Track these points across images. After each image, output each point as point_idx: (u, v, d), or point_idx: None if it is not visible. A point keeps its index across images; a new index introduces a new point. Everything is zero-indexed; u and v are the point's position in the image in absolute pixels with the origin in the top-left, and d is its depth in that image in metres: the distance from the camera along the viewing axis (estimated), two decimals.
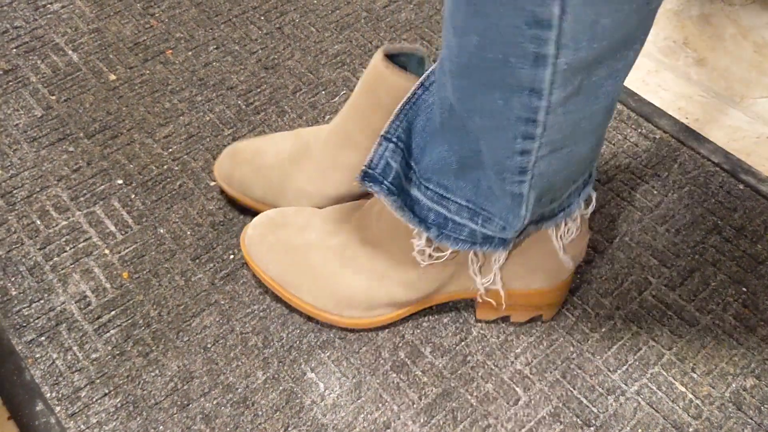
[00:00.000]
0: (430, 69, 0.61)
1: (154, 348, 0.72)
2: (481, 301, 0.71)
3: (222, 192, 0.84)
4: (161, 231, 0.81)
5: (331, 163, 0.75)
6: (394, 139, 0.61)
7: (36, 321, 0.74)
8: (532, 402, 0.69)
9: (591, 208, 0.68)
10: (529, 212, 0.60)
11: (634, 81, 0.98)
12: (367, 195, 0.77)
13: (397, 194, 0.62)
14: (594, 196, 0.67)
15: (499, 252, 0.65)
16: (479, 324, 0.74)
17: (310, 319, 0.74)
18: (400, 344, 0.73)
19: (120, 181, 0.85)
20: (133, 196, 0.84)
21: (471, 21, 0.45)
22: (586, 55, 0.44)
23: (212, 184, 0.85)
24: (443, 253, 0.66)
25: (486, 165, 0.56)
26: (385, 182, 0.61)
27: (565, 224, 0.67)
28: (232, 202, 0.83)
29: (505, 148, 0.52)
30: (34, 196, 0.84)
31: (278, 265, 0.72)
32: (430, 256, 0.66)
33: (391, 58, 0.72)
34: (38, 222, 0.81)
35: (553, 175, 0.56)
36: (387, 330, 0.73)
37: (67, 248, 0.79)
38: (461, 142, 0.56)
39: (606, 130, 0.63)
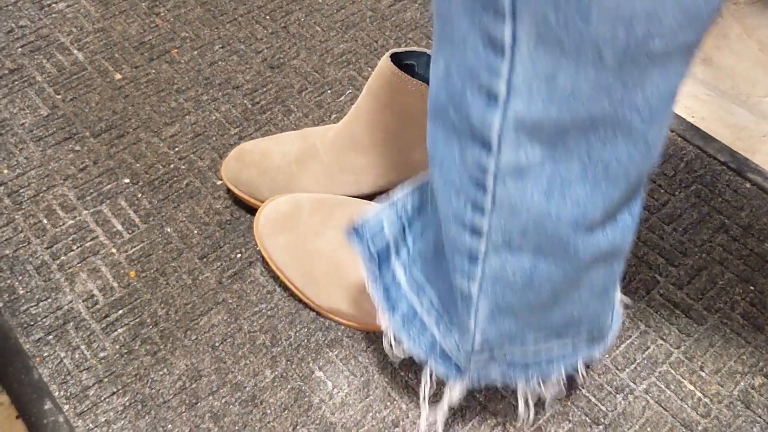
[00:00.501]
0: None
1: (162, 347, 0.72)
2: None
3: (228, 191, 0.84)
4: (168, 230, 0.81)
5: (338, 165, 0.75)
6: (399, 212, 0.57)
7: (43, 320, 0.74)
8: (541, 400, 0.69)
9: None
10: (478, 332, 0.52)
11: None
12: (373, 197, 0.77)
13: (377, 265, 0.56)
14: (598, 353, 0.57)
15: (452, 382, 0.58)
16: None
17: (317, 317, 0.74)
18: None
19: (126, 180, 0.85)
20: (139, 195, 0.84)
21: (441, 42, 0.42)
22: (540, 116, 0.39)
23: (219, 183, 0.85)
24: (400, 350, 0.60)
25: (445, 245, 0.50)
26: (370, 247, 0.56)
27: (539, 386, 0.60)
28: (239, 201, 0.83)
29: (458, 219, 0.46)
30: (41, 195, 0.84)
31: (285, 264, 0.72)
32: (390, 345, 0.60)
33: (400, 58, 0.72)
34: (45, 221, 0.81)
35: (512, 293, 0.49)
36: None
37: (74, 247, 0.79)
38: (435, 220, 0.51)
39: (612, 281, 0.52)
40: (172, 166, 0.86)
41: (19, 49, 0.99)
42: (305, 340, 0.73)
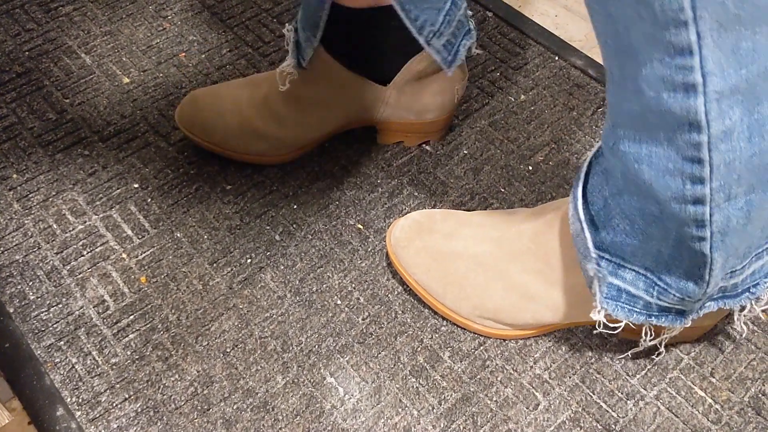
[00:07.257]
0: (588, 158, 0.63)
1: (173, 352, 0.72)
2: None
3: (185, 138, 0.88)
4: (178, 235, 0.81)
5: (288, 112, 0.83)
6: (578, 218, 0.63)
7: (54, 325, 0.74)
8: (552, 407, 0.69)
9: None
10: (713, 280, 0.59)
11: None
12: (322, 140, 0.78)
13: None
14: None
15: (676, 325, 0.65)
16: None
17: (328, 323, 0.74)
18: (419, 349, 0.73)
19: (136, 185, 0.85)
20: (149, 199, 0.84)
21: (625, 69, 0.48)
22: (734, 82, 0.45)
23: (228, 188, 0.85)
24: (618, 325, 0.65)
25: (664, 226, 0.56)
26: (590, 266, 0.63)
27: (751, 307, 0.66)
28: (249, 206, 0.83)
29: (678, 198, 0.53)
30: (51, 200, 0.84)
31: (424, 270, 0.73)
32: (605, 326, 0.65)
33: None
34: (55, 226, 0.81)
35: (738, 234, 0.55)
36: (405, 335, 0.74)
37: (85, 252, 0.79)
38: (639, 207, 0.57)
39: None
40: (181, 170, 0.86)
41: (27, 53, 0.99)
42: (316, 346, 0.73)
